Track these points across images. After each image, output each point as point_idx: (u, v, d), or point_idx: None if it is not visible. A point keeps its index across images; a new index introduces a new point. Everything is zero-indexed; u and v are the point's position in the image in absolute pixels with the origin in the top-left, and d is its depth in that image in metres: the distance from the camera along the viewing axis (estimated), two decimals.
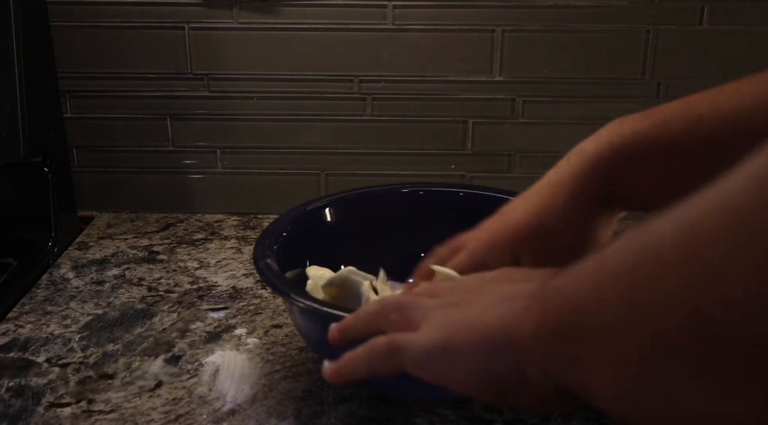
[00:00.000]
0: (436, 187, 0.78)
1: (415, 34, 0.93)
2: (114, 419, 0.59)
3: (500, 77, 0.94)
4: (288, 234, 0.67)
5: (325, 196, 0.77)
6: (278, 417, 0.59)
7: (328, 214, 0.73)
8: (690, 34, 0.91)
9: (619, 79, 0.93)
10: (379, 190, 0.77)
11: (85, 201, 1.00)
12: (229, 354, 0.68)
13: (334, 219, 0.73)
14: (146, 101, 0.96)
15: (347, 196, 0.75)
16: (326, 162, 0.99)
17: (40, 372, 0.65)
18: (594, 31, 0.92)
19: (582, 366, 0.33)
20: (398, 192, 0.77)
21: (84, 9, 0.92)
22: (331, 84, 0.95)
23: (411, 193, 0.77)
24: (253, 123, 0.97)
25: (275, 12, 0.92)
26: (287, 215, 0.70)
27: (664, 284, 0.26)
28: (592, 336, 0.31)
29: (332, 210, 0.73)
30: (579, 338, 0.32)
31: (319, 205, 0.74)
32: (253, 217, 0.99)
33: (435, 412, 0.60)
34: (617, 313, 0.29)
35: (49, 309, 0.76)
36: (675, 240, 0.26)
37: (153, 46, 0.94)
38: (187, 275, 0.83)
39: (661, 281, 0.26)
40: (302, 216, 0.71)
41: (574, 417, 0.59)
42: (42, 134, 0.90)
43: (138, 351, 0.68)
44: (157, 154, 0.99)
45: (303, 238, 0.69)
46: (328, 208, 0.73)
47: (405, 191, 0.77)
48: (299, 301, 0.56)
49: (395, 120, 0.96)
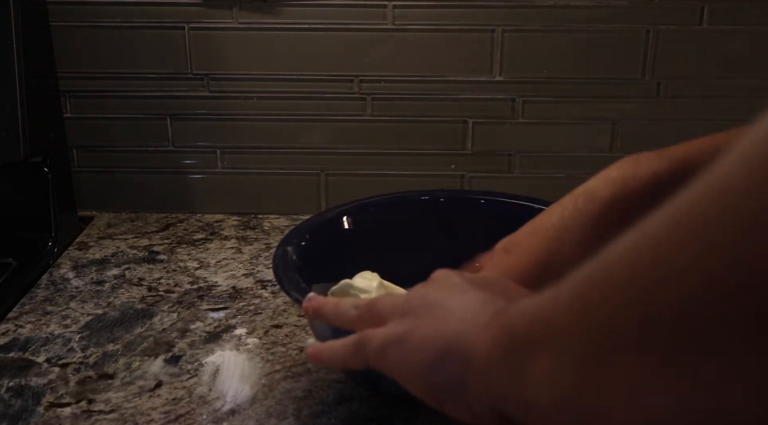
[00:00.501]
0: (458, 194, 0.77)
1: (415, 34, 0.93)
2: (114, 419, 0.59)
3: (500, 77, 0.94)
4: (306, 243, 0.66)
5: (350, 203, 0.74)
6: (278, 417, 0.59)
7: (346, 222, 0.72)
8: (690, 34, 0.91)
9: (619, 79, 0.93)
10: (406, 195, 0.76)
11: (85, 201, 1.00)
12: (229, 354, 0.68)
13: (352, 227, 0.72)
14: (146, 101, 0.96)
15: (369, 203, 0.74)
16: (326, 162, 0.99)
17: (40, 372, 0.65)
18: (594, 31, 0.92)
19: (527, 377, 0.33)
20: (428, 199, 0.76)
21: (84, 9, 0.92)
22: (331, 84, 0.95)
23: (432, 200, 0.76)
24: (253, 123, 0.97)
25: (275, 12, 0.92)
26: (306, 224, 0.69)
27: (613, 280, 0.28)
28: (543, 339, 0.32)
29: (351, 218, 0.72)
30: (530, 343, 0.33)
31: (339, 212, 0.72)
32: (253, 217, 0.99)
33: (435, 412, 0.59)
34: (568, 312, 0.30)
35: (49, 309, 0.76)
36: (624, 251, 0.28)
37: (153, 46, 0.94)
38: (187, 275, 0.83)
39: (611, 279, 0.28)
40: (323, 224, 0.70)
41: None
42: (42, 134, 0.90)
43: (138, 351, 0.68)
44: (157, 154, 0.99)
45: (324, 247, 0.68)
46: (346, 216, 0.72)
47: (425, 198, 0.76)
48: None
49: (395, 120, 0.96)
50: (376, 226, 0.73)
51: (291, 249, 0.64)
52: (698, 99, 0.94)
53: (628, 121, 0.95)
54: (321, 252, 0.67)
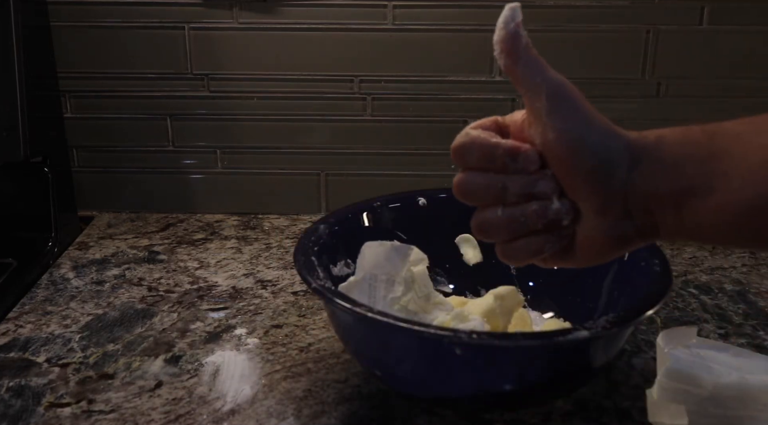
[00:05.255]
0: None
1: (415, 34, 0.93)
2: (114, 419, 0.59)
3: (500, 77, 0.94)
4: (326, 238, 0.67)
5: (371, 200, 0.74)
6: (278, 417, 0.59)
7: (366, 219, 0.72)
8: (690, 34, 0.91)
9: (619, 79, 0.93)
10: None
11: (85, 201, 1.00)
12: (229, 354, 0.68)
13: (372, 225, 0.72)
14: (146, 101, 0.96)
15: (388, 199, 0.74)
16: (326, 162, 0.99)
17: (40, 372, 0.65)
18: (594, 31, 0.92)
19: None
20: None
21: (84, 9, 0.92)
22: (331, 84, 0.95)
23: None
24: (253, 123, 0.97)
25: (275, 12, 0.92)
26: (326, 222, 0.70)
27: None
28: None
29: (371, 215, 0.72)
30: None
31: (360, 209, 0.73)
32: (253, 217, 0.99)
33: (435, 412, 0.60)
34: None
35: (49, 309, 0.76)
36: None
37: (153, 46, 0.94)
38: (187, 275, 0.83)
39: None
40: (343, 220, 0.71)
41: (574, 416, 0.59)
42: (42, 134, 0.90)
43: (138, 351, 0.68)
44: (157, 154, 0.99)
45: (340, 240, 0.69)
46: (366, 212, 0.72)
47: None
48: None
49: (395, 120, 0.96)
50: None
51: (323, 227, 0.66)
52: (698, 99, 0.94)
53: (628, 121, 0.94)
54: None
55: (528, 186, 0.45)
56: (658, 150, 0.43)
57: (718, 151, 0.41)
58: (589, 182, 0.43)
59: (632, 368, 0.65)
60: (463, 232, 0.72)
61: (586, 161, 0.43)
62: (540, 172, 0.45)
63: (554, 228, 0.46)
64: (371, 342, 0.58)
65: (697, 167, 0.41)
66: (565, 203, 0.45)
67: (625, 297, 0.61)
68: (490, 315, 0.64)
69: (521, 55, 0.44)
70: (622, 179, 0.43)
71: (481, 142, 0.45)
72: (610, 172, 0.43)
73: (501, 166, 0.45)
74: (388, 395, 0.61)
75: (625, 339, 0.58)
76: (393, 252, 0.66)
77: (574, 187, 0.44)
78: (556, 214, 0.45)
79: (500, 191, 0.45)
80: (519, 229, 0.46)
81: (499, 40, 0.44)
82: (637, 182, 0.42)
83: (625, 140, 0.43)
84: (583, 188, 0.43)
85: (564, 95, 0.44)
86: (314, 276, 0.58)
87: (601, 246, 0.45)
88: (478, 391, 0.55)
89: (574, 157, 0.43)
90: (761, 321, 0.73)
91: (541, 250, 0.46)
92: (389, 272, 0.65)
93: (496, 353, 0.53)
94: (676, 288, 0.80)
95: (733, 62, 0.92)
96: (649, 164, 0.42)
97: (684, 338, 0.56)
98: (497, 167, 0.45)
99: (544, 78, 0.44)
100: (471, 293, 0.73)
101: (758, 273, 0.84)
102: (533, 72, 0.44)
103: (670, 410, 0.52)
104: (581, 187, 0.43)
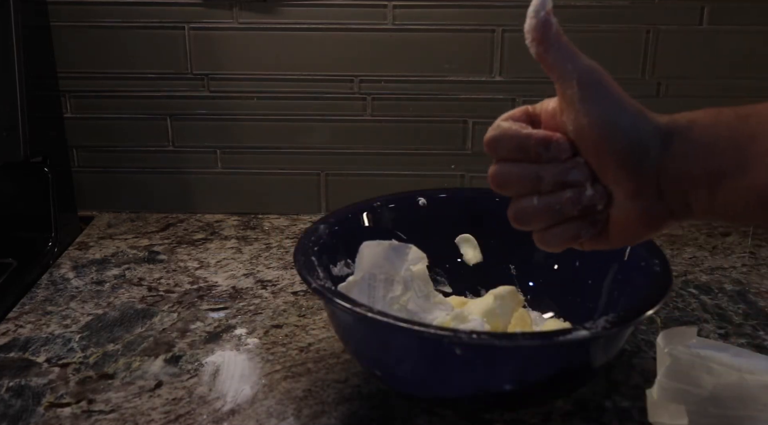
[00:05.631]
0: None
1: (415, 34, 0.93)
2: (114, 419, 0.59)
3: (500, 77, 0.94)
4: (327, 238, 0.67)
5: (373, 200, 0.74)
6: (278, 417, 0.59)
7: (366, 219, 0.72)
8: (690, 34, 0.91)
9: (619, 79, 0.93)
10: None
11: (85, 201, 1.00)
12: (229, 354, 0.68)
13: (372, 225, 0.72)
14: (146, 101, 0.96)
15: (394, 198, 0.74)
16: (326, 162, 0.99)
17: (40, 372, 0.65)
18: (594, 31, 0.92)
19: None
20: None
21: (84, 9, 0.92)
22: (331, 84, 0.95)
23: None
24: (253, 123, 0.97)
25: (275, 12, 0.92)
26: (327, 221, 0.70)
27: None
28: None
29: (371, 215, 0.72)
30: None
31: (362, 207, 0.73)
32: (253, 217, 0.99)
33: (435, 412, 0.60)
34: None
35: (49, 309, 0.76)
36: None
37: (153, 46, 0.94)
38: (187, 275, 0.83)
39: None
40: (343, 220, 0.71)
41: (574, 416, 0.59)
42: (42, 134, 0.90)
43: (138, 351, 0.68)
44: (157, 154, 0.99)
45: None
46: (366, 212, 0.72)
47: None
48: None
49: (395, 120, 0.96)
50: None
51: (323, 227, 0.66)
52: (698, 99, 0.94)
53: None
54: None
55: (562, 174, 0.45)
56: (690, 131, 0.43)
57: (753, 133, 0.41)
58: (622, 165, 0.43)
59: (632, 368, 0.65)
60: (463, 232, 0.72)
61: (618, 144, 0.43)
62: (572, 159, 0.45)
63: (589, 214, 0.46)
64: (371, 342, 0.58)
65: (730, 148, 0.41)
66: (599, 189, 0.45)
67: (625, 297, 0.61)
68: (490, 315, 0.64)
69: (552, 43, 0.44)
70: (654, 161, 0.43)
71: (512, 134, 0.46)
72: (643, 154, 0.43)
73: (534, 155, 0.46)
74: (388, 395, 0.61)
75: (625, 339, 0.58)
76: (391, 251, 0.66)
77: (607, 171, 0.44)
78: (590, 200, 0.45)
79: (535, 180, 0.46)
80: (555, 217, 0.46)
81: (530, 29, 0.44)
82: (669, 164, 0.43)
83: (656, 123, 0.44)
84: (616, 172, 0.44)
85: (595, 81, 0.44)
86: (314, 276, 0.58)
87: (636, 229, 0.46)
88: (478, 391, 0.55)
89: (606, 141, 0.43)
90: (761, 321, 0.73)
91: (578, 236, 0.47)
92: (388, 271, 0.65)
93: (496, 353, 0.53)
94: (676, 288, 0.80)
95: (733, 62, 0.92)
96: (681, 145, 0.43)
97: (684, 338, 0.56)
98: (530, 157, 0.46)
99: (575, 64, 0.44)
100: (471, 293, 0.73)
101: (758, 273, 0.84)
102: (564, 59, 0.44)
103: (670, 410, 0.52)
104: (614, 171, 0.44)
